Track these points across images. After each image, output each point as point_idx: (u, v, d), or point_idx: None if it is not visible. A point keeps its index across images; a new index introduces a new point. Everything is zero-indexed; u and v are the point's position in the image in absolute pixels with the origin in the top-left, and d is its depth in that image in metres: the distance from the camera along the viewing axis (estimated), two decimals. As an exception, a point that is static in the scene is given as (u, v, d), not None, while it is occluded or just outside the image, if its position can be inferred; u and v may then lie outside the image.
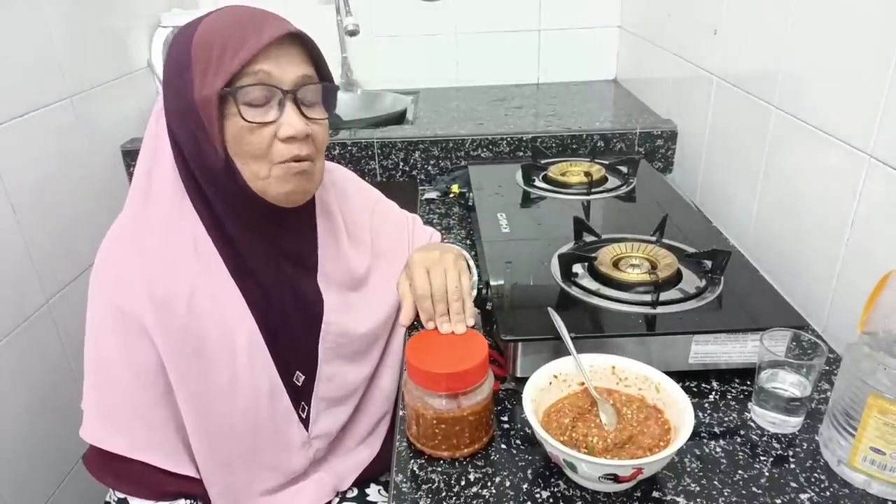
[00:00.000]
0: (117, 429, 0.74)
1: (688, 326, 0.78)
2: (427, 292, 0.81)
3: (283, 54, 0.70)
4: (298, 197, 0.76)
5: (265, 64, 0.68)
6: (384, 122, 1.68)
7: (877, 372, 0.61)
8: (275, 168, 0.72)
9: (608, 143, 1.49)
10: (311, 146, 0.73)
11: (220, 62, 0.68)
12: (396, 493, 0.66)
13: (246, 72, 0.68)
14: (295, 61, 0.71)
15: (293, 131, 0.70)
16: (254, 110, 0.69)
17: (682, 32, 1.43)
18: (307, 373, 0.82)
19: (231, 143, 0.70)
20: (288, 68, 0.70)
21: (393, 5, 1.92)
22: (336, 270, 0.84)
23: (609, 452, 0.65)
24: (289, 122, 0.70)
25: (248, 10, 0.72)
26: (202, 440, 0.76)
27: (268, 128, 0.70)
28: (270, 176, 0.72)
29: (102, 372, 0.74)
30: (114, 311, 0.72)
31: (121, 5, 1.49)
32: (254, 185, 0.72)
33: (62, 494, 1.24)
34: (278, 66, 0.69)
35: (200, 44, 0.69)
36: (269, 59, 0.69)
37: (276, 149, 0.71)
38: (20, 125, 1.14)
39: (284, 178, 0.72)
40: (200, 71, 0.68)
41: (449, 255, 0.83)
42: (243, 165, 0.71)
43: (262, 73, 0.68)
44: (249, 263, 0.76)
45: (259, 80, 0.69)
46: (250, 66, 0.68)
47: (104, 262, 0.74)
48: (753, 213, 1.10)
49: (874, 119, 0.79)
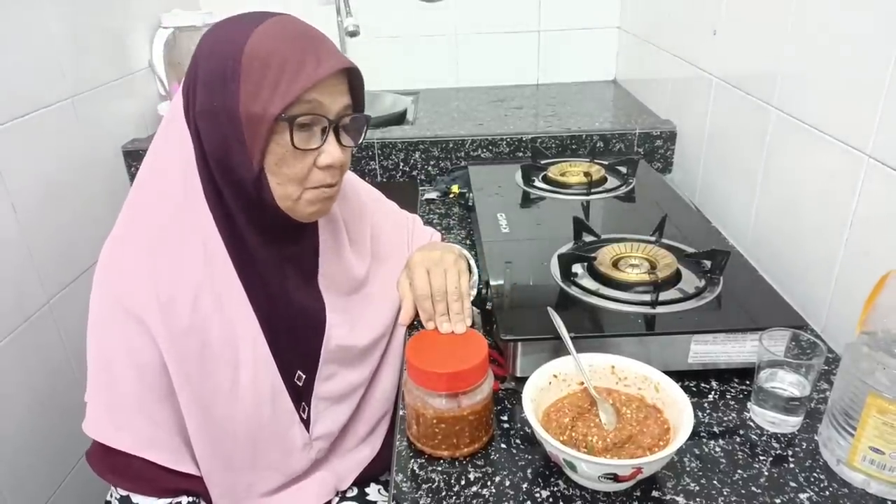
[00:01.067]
0: (120, 425, 0.74)
1: (687, 326, 0.78)
2: (427, 292, 0.81)
3: (334, 85, 0.71)
4: (319, 216, 0.78)
5: (318, 93, 0.69)
6: (384, 123, 1.68)
7: (876, 372, 0.61)
8: (307, 192, 0.74)
9: (608, 144, 1.50)
10: (340, 173, 0.76)
11: (276, 85, 0.68)
12: (396, 493, 0.66)
13: (301, 99, 0.68)
14: (341, 91, 0.72)
15: (332, 160, 0.72)
16: (300, 136, 0.70)
17: (681, 33, 1.43)
18: (307, 372, 0.82)
19: (271, 162, 0.71)
20: (336, 98, 0.71)
21: (393, 6, 1.92)
22: (336, 274, 0.84)
23: (609, 452, 0.65)
24: (329, 151, 0.72)
25: (301, 29, 0.72)
26: (204, 440, 0.76)
27: (311, 154, 0.72)
28: (301, 199, 0.74)
29: (106, 369, 0.74)
30: (118, 309, 0.72)
31: (121, 6, 1.49)
32: (283, 203, 0.74)
33: (63, 494, 1.24)
34: (329, 95, 0.70)
35: (254, 57, 0.68)
36: (322, 88, 0.69)
37: (313, 175, 0.73)
38: (21, 126, 1.14)
39: (313, 202, 0.75)
40: (252, 85, 0.68)
41: (449, 256, 0.83)
42: (278, 185, 0.72)
43: (315, 102, 0.69)
44: (258, 266, 0.76)
45: (311, 109, 0.69)
46: (306, 94, 0.68)
47: (109, 260, 0.74)
48: (752, 213, 1.11)
49: (873, 119, 0.79)
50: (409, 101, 1.85)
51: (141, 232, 0.74)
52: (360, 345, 0.85)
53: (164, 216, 0.73)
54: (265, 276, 0.77)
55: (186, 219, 0.73)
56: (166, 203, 0.73)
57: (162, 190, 0.74)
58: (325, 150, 0.72)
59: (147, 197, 0.75)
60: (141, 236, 0.74)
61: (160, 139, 0.75)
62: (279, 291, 0.78)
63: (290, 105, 0.68)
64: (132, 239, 0.74)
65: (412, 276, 0.83)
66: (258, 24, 0.70)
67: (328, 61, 0.69)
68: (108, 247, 0.75)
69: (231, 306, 0.74)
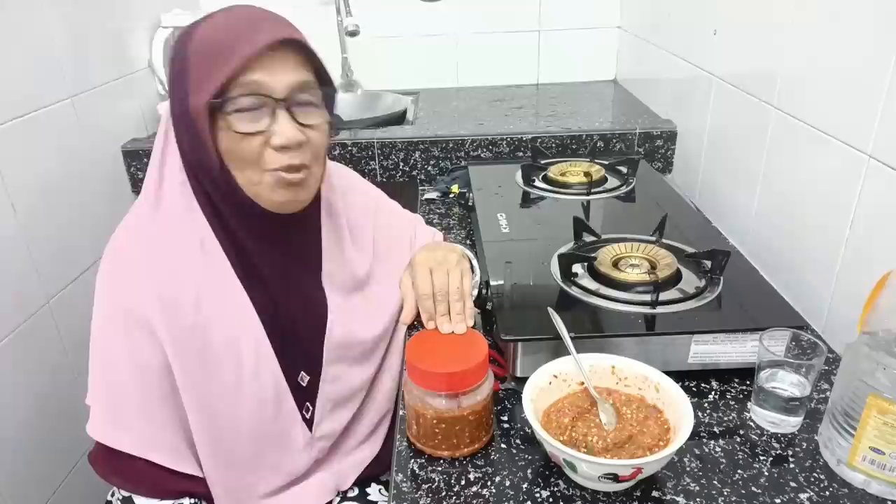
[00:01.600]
0: (122, 426, 0.74)
1: (687, 326, 0.78)
2: (429, 291, 0.80)
3: (277, 61, 0.68)
4: (292, 206, 0.75)
5: (257, 73, 0.67)
6: (384, 123, 1.68)
7: (876, 372, 0.61)
8: (266, 175, 0.71)
9: (608, 144, 1.50)
10: (307, 153, 0.72)
11: (210, 71, 0.66)
12: (396, 493, 0.66)
13: (237, 82, 0.66)
14: (289, 67, 0.69)
15: (284, 140, 0.69)
16: (245, 119, 0.68)
17: (681, 33, 1.43)
18: (312, 373, 0.82)
19: (224, 151, 0.70)
20: (281, 76, 0.69)
21: (393, 5, 1.92)
22: (339, 271, 0.84)
23: (609, 452, 0.65)
24: (281, 130, 0.69)
25: (247, 12, 0.70)
26: (206, 441, 0.76)
27: (259, 136, 0.69)
28: (262, 182, 0.71)
29: (108, 370, 0.74)
30: (121, 311, 0.72)
31: (121, 5, 1.49)
32: (248, 191, 0.72)
33: (63, 494, 1.24)
34: (270, 73, 0.68)
35: (196, 50, 0.68)
36: (261, 67, 0.67)
37: (267, 156, 0.70)
38: (21, 125, 1.14)
39: (275, 187, 0.72)
40: (196, 79, 0.68)
41: (452, 256, 0.83)
42: (237, 172, 0.71)
43: (252, 83, 0.67)
44: (257, 266, 0.76)
45: (249, 90, 0.67)
46: (242, 77, 0.66)
47: (112, 262, 0.75)
48: (753, 213, 1.11)
49: (873, 119, 0.79)
50: (409, 101, 1.85)
51: (143, 233, 0.74)
52: (362, 343, 0.85)
53: (163, 220, 0.74)
54: (264, 274, 0.77)
55: (184, 221, 0.73)
56: (165, 207, 0.74)
57: (161, 194, 0.74)
58: (276, 130, 0.69)
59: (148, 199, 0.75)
60: (141, 240, 0.74)
61: (159, 143, 0.75)
62: (280, 290, 0.78)
63: (222, 90, 0.66)
64: (134, 240, 0.74)
65: (415, 276, 0.82)
66: (209, 17, 0.70)
67: (262, 38, 0.66)
68: (110, 250, 0.75)
69: (232, 307, 0.74)
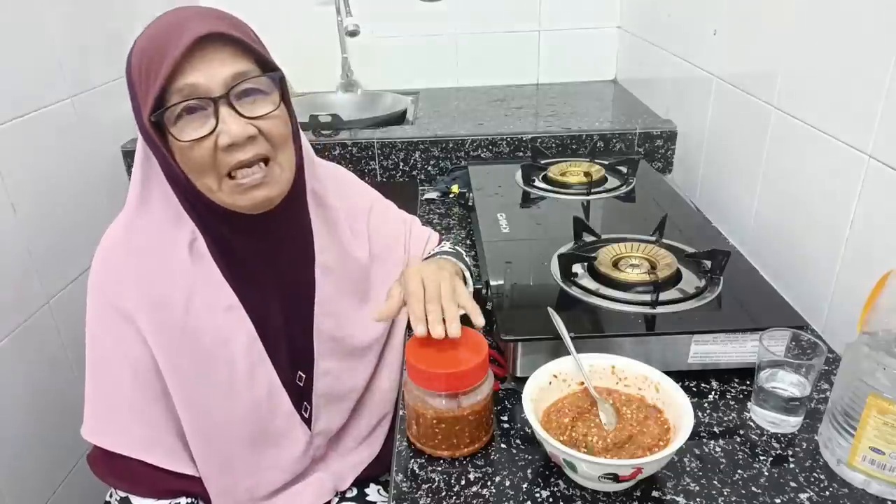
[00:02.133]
0: (116, 428, 0.74)
1: (687, 326, 0.78)
2: (420, 296, 0.74)
3: (208, 58, 0.65)
4: (262, 206, 0.72)
5: (189, 76, 0.64)
6: (384, 123, 1.68)
7: (876, 372, 0.61)
8: (224, 182, 0.69)
9: (608, 144, 1.50)
10: (263, 145, 0.69)
11: (147, 85, 0.64)
12: (396, 493, 0.66)
13: (172, 89, 0.64)
14: (223, 61, 0.65)
15: (231, 138, 0.66)
16: (189, 125, 0.66)
17: (681, 33, 1.43)
18: (308, 372, 0.82)
19: (180, 161, 0.68)
20: (215, 71, 0.65)
21: (393, 5, 1.92)
22: (337, 260, 0.83)
23: (609, 452, 0.65)
24: (226, 129, 0.66)
25: (176, 14, 0.67)
26: (200, 441, 0.76)
27: (207, 140, 0.66)
28: (221, 189, 0.69)
29: (102, 371, 0.74)
30: (111, 311, 0.72)
31: (121, 5, 1.49)
32: (212, 196, 0.70)
33: (62, 494, 1.24)
34: (203, 72, 0.64)
35: (135, 59, 0.66)
36: (192, 69, 0.64)
37: (220, 159, 0.67)
38: (21, 125, 1.14)
39: (234, 193, 0.69)
40: (139, 95, 0.66)
41: (445, 272, 0.79)
42: (196, 181, 0.69)
43: (186, 87, 0.64)
44: (246, 264, 0.76)
45: (185, 95, 0.64)
46: (174, 83, 0.64)
47: (101, 264, 0.74)
48: (753, 213, 1.10)
49: (874, 119, 0.79)
50: (409, 101, 1.85)
51: (132, 236, 0.74)
52: (354, 342, 0.85)
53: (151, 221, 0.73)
54: (255, 273, 0.77)
55: (173, 222, 0.73)
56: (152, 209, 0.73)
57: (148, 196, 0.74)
58: (221, 129, 0.66)
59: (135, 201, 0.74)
60: (130, 242, 0.74)
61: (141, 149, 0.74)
62: (270, 288, 0.78)
63: (159, 102, 0.64)
64: (124, 242, 0.74)
65: (406, 282, 0.78)
66: (147, 27, 0.68)
67: (184, 38, 0.63)
68: (101, 251, 0.75)
69: (222, 307, 0.74)
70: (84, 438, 0.76)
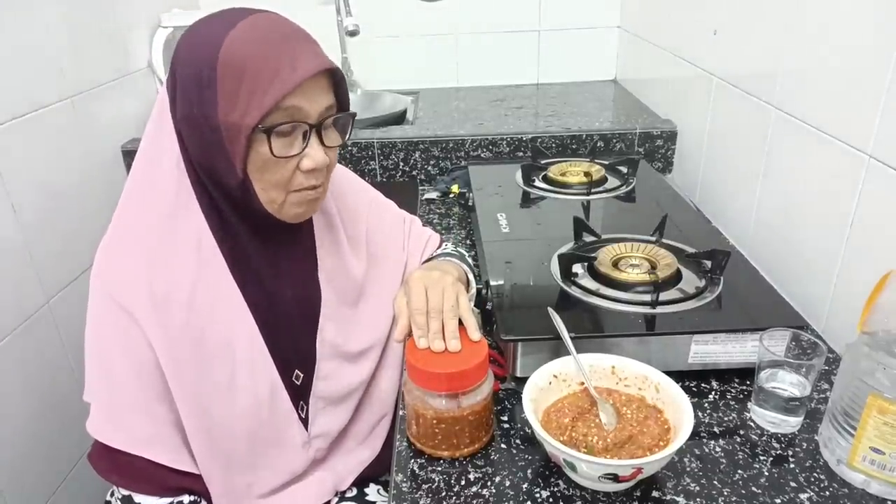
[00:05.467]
0: (119, 424, 0.74)
1: (687, 326, 0.78)
2: (423, 307, 0.77)
3: (313, 87, 0.69)
4: (303, 217, 0.77)
5: (296, 99, 0.68)
6: (384, 122, 1.68)
7: (876, 372, 0.61)
8: (291, 195, 0.73)
9: (608, 144, 1.50)
10: (326, 172, 0.75)
11: (252, 94, 0.66)
12: (396, 493, 0.66)
13: (278, 107, 0.67)
14: (322, 92, 0.71)
15: (315, 164, 0.71)
16: (280, 143, 0.69)
17: (681, 32, 1.43)
18: (306, 371, 0.82)
19: (253, 169, 0.70)
20: (316, 101, 0.70)
21: (393, 5, 1.92)
22: (337, 270, 0.84)
23: (609, 452, 0.65)
24: (312, 155, 0.71)
25: (278, 29, 0.70)
26: (201, 439, 0.76)
27: (293, 160, 0.71)
28: (286, 202, 0.73)
29: (104, 367, 0.74)
30: (113, 307, 0.72)
31: (121, 5, 1.49)
32: (269, 207, 0.73)
33: (63, 494, 1.24)
34: (308, 99, 0.69)
35: (228, 63, 0.67)
36: (301, 92, 0.68)
37: (296, 178, 0.72)
38: (20, 125, 1.14)
39: (299, 205, 0.74)
40: (228, 93, 0.67)
41: (448, 277, 0.80)
42: (262, 190, 0.72)
43: (292, 108, 0.68)
44: (253, 263, 0.76)
45: (290, 116, 0.68)
46: (283, 102, 0.67)
47: (104, 258, 0.75)
48: (753, 213, 1.10)
49: (873, 119, 0.79)
50: (409, 101, 1.85)
51: (135, 231, 0.74)
52: (354, 347, 0.85)
53: (157, 215, 0.73)
54: (260, 273, 0.77)
55: (179, 217, 0.73)
56: (160, 202, 0.73)
57: (155, 188, 0.74)
58: (308, 153, 0.71)
59: (140, 195, 0.74)
60: (135, 235, 0.74)
61: (150, 137, 0.74)
62: (274, 289, 0.78)
63: (266, 114, 0.66)
64: (127, 238, 0.74)
65: (410, 293, 0.79)
66: (232, 26, 0.68)
67: (305, 65, 0.67)
68: (104, 246, 0.75)
69: (226, 304, 0.74)
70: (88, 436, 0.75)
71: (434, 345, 0.72)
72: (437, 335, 0.73)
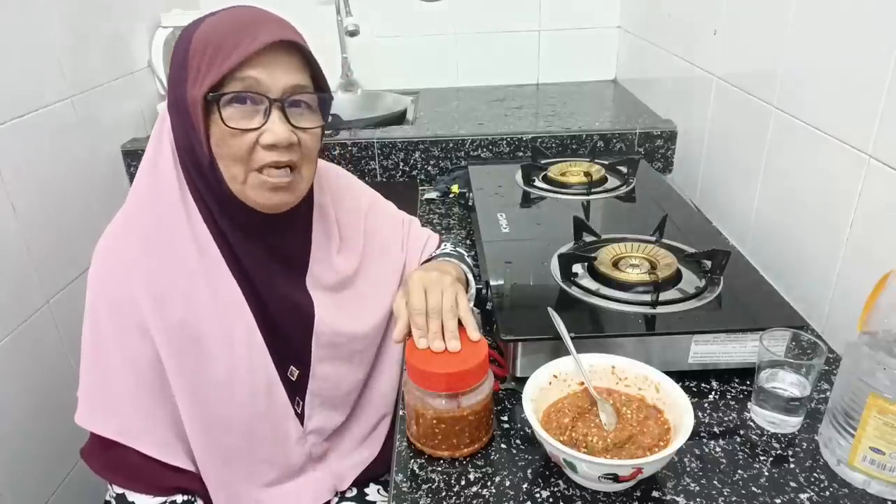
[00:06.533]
0: (110, 414, 0.74)
1: (687, 326, 0.78)
2: (422, 308, 0.76)
3: (276, 61, 0.69)
4: (276, 208, 0.75)
5: (255, 70, 0.68)
6: (384, 122, 1.68)
7: (876, 372, 0.61)
8: (252, 175, 0.72)
9: (608, 144, 1.50)
10: (296, 153, 0.73)
11: (210, 64, 0.67)
12: (396, 493, 0.66)
13: (235, 76, 0.67)
14: (288, 69, 0.70)
15: (274, 139, 0.69)
16: (239, 115, 0.69)
17: (682, 32, 1.43)
18: (301, 368, 0.82)
19: (214, 144, 0.71)
20: (279, 76, 0.69)
21: (393, 5, 1.92)
22: (324, 274, 0.84)
23: (609, 452, 0.65)
24: (272, 129, 0.70)
25: (253, 12, 0.71)
26: (199, 432, 0.77)
27: (251, 133, 0.70)
28: (247, 182, 0.72)
29: (97, 360, 0.75)
30: (110, 302, 0.73)
31: (121, 6, 1.49)
32: (233, 187, 0.73)
33: (62, 494, 1.24)
34: (268, 73, 0.69)
35: (200, 40, 0.69)
36: (260, 65, 0.68)
37: (257, 154, 0.71)
38: (21, 125, 1.14)
39: (260, 189, 0.72)
40: (195, 69, 0.69)
41: (447, 278, 0.80)
42: (224, 167, 0.72)
43: (250, 79, 0.68)
44: (242, 262, 0.77)
45: (246, 86, 0.68)
46: (239, 72, 0.67)
47: (104, 253, 0.75)
48: (753, 213, 1.10)
49: (874, 119, 0.79)
50: (409, 101, 1.85)
51: (135, 227, 0.74)
52: (350, 340, 0.85)
53: (157, 211, 0.74)
54: (251, 270, 0.77)
55: (179, 214, 0.74)
56: (159, 201, 0.74)
57: (155, 188, 0.74)
58: (268, 128, 0.70)
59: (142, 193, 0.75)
60: (135, 231, 0.74)
61: (155, 136, 0.75)
62: (267, 286, 0.78)
63: (218, 83, 0.67)
64: (126, 233, 0.75)
65: (409, 294, 0.79)
66: (217, 13, 0.71)
67: (265, 36, 0.67)
68: (104, 241, 0.76)
69: (224, 300, 0.75)
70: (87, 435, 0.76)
71: (434, 345, 0.72)
72: (436, 335, 0.73)
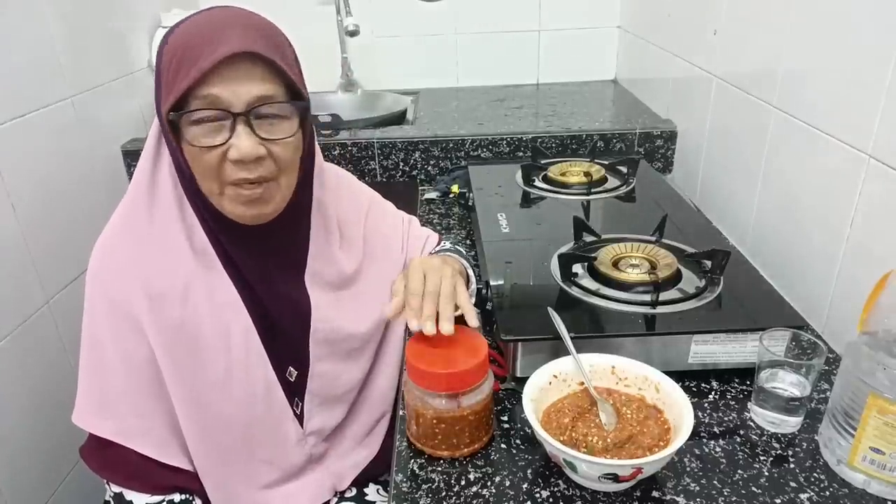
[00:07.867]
0: (107, 414, 0.74)
1: (687, 326, 0.78)
2: (419, 291, 0.75)
3: (238, 74, 0.66)
4: (254, 219, 0.74)
5: (215, 87, 0.65)
6: (384, 122, 1.68)
7: (876, 372, 0.61)
8: (227, 188, 0.70)
9: (608, 144, 1.50)
10: (270, 167, 0.70)
11: (172, 81, 0.66)
12: (396, 493, 0.66)
13: (195, 94, 0.65)
14: (251, 80, 0.67)
15: (239, 155, 0.67)
16: (203, 133, 0.67)
17: (681, 32, 1.43)
18: (299, 369, 0.82)
19: (188, 158, 0.70)
20: (241, 89, 0.66)
21: (393, 5, 1.92)
22: (324, 271, 0.83)
23: (609, 452, 0.65)
24: (237, 144, 0.67)
25: (222, 16, 0.68)
26: (197, 433, 0.77)
27: (218, 149, 0.68)
28: (224, 194, 0.71)
29: (95, 359, 0.75)
30: (107, 302, 0.73)
31: (121, 6, 1.49)
32: (212, 200, 0.72)
33: (62, 494, 1.24)
34: (229, 88, 0.66)
35: (168, 52, 0.67)
36: (220, 80, 0.65)
37: (226, 169, 0.69)
38: (21, 125, 1.14)
39: (235, 201, 0.71)
40: (164, 84, 0.67)
41: (448, 268, 0.80)
42: (200, 181, 0.71)
43: (210, 96, 0.65)
44: (239, 262, 0.76)
45: (207, 103, 0.66)
46: (198, 89, 0.65)
47: (101, 253, 0.75)
48: (753, 213, 1.10)
49: (873, 119, 0.79)
50: (409, 101, 1.85)
51: (132, 227, 0.74)
52: (348, 339, 0.84)
53: (155, 212, 0.74)
54: (248, 270, 0.77)
55: (175, 215, 0.73)
56: (158, 199, 0.74)
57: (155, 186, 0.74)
58: (233, 143, 0.67)
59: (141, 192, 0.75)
60: (132, 231, 0.74)
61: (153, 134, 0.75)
62: (265, 285, 0.78)
63: (180, 100, 0.65)
64: (124, 234, 0.75)
65: (408, 276, 0.80)
66: (189, 18, 0.69)
67: (221, 49, 0.64)
68: (101, 241, 0.76)
69: (221, 300, 0.75)
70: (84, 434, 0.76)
71: (426, 327, 0.70)
72: (430, 318, 0.71)
